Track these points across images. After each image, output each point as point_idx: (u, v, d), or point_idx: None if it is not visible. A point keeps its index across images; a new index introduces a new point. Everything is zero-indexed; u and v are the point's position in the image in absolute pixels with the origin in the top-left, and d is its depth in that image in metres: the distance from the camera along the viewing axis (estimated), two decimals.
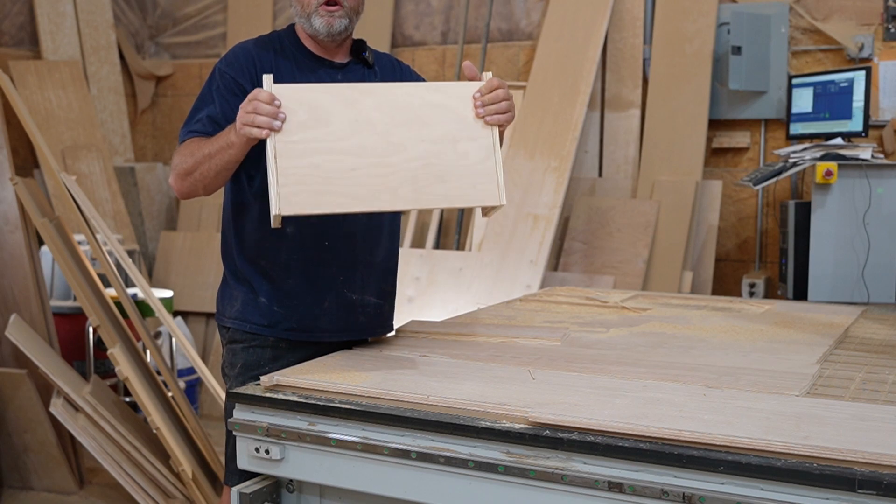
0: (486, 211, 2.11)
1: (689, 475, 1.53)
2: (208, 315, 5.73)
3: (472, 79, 2.11)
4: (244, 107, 1.96)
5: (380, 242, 2.39)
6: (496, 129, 2.08)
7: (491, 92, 2.07)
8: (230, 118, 2.18)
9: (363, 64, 2.40)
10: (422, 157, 2.01)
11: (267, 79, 1.98)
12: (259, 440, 1.88)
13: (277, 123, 1.93)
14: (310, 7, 2.27)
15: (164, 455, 3.76)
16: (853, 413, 1.68)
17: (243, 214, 2.31)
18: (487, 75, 2.10)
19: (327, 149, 1.95)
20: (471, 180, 2.04)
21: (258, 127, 1.93)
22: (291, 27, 2.39)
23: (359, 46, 2.40)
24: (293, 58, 2.31)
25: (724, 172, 5.09)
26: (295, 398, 1.86)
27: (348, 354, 2.20)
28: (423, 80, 2.50)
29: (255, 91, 1.96)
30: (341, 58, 2.37)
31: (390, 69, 2.45)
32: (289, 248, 2.28)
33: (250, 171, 2.23)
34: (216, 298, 2.43)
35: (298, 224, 2.25)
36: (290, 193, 1.91)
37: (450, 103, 2.06)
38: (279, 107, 1.94)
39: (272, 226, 1.96)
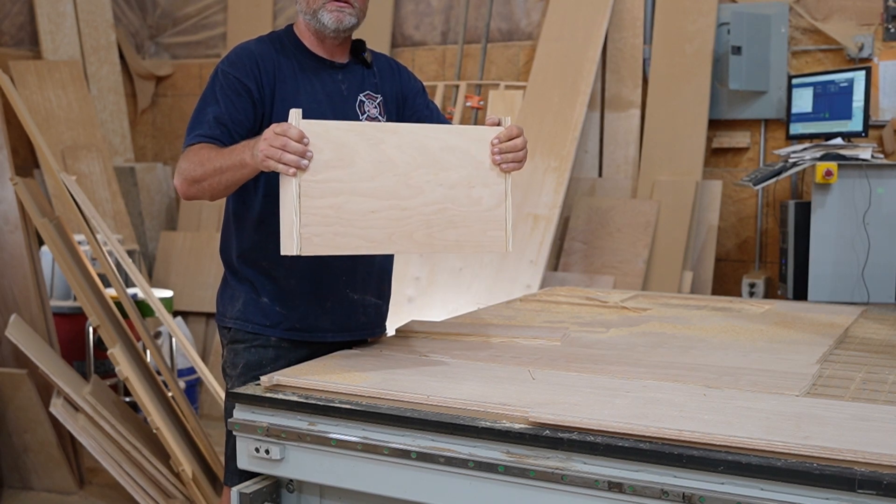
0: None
1: (689, 475, 1.53)
2: (208, 315, 5.73)
3: (492, 125, 2.11)
4: (271, 140, 1.88)
5: None
6: (510, 177, 2.10)
7: (510, 140, 2.08)
8: (235, 119, 2.18)
9: (362, 64, 2.40)
10: (438, 201, 2.02)
11: (295, 114, 1.90)
12: (259, 440, 1.88)
13: (305, 163, 1.88)
14: (317, 2, 2.26)
15: (164, 455, 3.76)
16: (853, 413, 1.68)
17: (246, 215, 2.31)
18: (507, 121, 2.10)
19: (350, 189, 1.93)
20: (481, 227, 2.06)
21: (284, 164, 1.88)
22: (290, 28, 2.38)
23: (358, 47, 2.40)
24: (294, 58, 2.31)
25: (724, 172, 5.09)
26: (295, 398, 1.86)
27: (348, 354, 2.21)
28: (419, 81, 2.52)
29: (286, 126, 1.88)
30: (342, 58, 2.37)
31: (388, 70, 2.45)
32: None
33: None
34: (216, 299, 2.43)
35: None
36: (312, 234, 1.88)
37: (468, 148, 2.06)
38: (307, 144, 1.89)
39: (282, 253, 1.93)
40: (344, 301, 2.34)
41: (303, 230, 1.87)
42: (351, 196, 1.93)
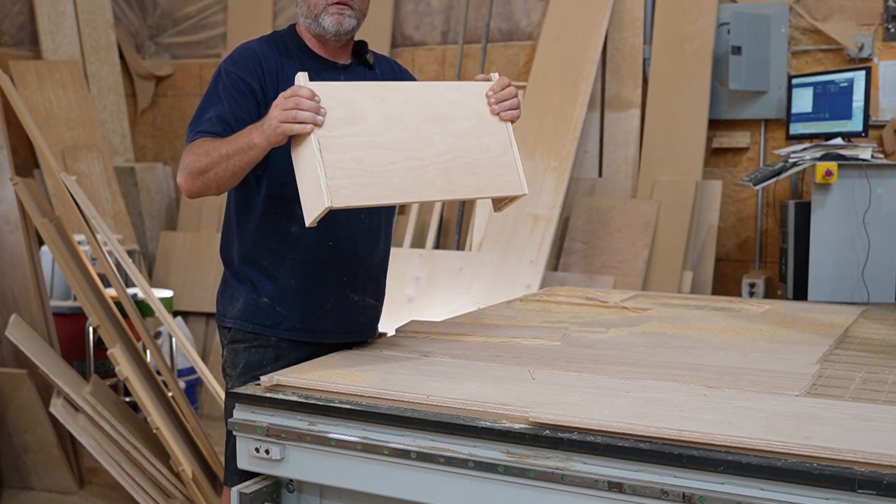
0: (500, 205, 2.21)
1: (689, 475, 1.53)
2: (208, 315, 5.73)
3: (483, 80, 2.21)
4: (283, 104, 1.93)
5: (379, 242, 2.40)
6: (510, 125, 2.18)
7: (502, 90, 2.17)
8: (239, 117, 2.17)
9: (364, 65, 2.40)
10: (450, 150, 2.08)
11: (302, 76, 1.97)
12: (259, 440, 1.88)
13: (320, 118, 1.92)
14: (318, 7, 2.26)
15: (164, 455, 3.76)
16: (853, 413, 1.68)
17: (248, 215, 2.30)
18: (495, 76, 2.20)
19: (366, 143, 1.97)
20: (496, 171, 2.14)
21: (301, 122, 1.91)
22: (292, 27, 2.38)
23: (360, 48, 2.40)
24: (297, 58, 2.31)
25: (724, 172, 5.09)
26: (295, 398, 1.86)
27: (348, 354, 2.21)
28: (410, 76, 2.53)
29: (295, 88, 1.93)
30: (344, 59, 2.37)
31: (390, 72, 2.46)
32: (293, 248, 2.28)
33: (258, 171, 2.22)
34: (216, 299, 2.43)
35: (302, 224, 2.25)
36: (340, 186, 1.91)
37: (467, 101, 2.15)
38: (319, 102, 1.94)
39: (307, 225, 1.96)
40: (344, 302, 2.34)
41: (330, 183, 1.90)
42: (369, 149, 1.97)
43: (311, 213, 1.94)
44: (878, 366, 2.12)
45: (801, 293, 4.24)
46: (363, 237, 2.35)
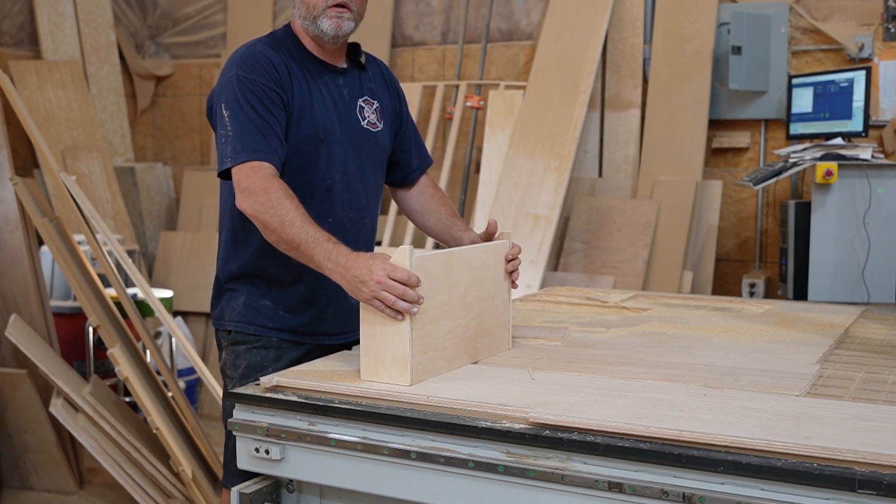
0: None
1: (689, 475, 1.53)
2: (208, 315, 5.71)
3: (493, 232, 2.27)
4: (387, 284, 1.84)
5: (371, 248, 2.41)
6: (510, 281, 2.26)
7: (516, 256, 2.25)
8: (278, 131, 2.15)
9: (358, 67, 2.40)
10: (480, 314, 2.14)
11: (407, 251, 1.89)
12: (259, 440, 1.88)
13: (416, 309, 1.87)
14: (317, 9, 2.23)
15: (164, 455, 3.76)
16: (853, 413, 1.68)
17: (254, 225, 2.27)
18: (508, 242, 2.25)
19: (435, 316, 1.97)
20: (498, 330, 2.22)
21: (394, 310, 1.85)
22: (289, 28, 2.35)
23: (354, 51, 2.40)
24: (302, 62, 2.28)
25: (724, 172, 5.09)
26: (295, 398, 1.86)
27: (348, 355, 2.20)
28: (405, 97, 2.54)
29: (406, 273, 1.85)
30: (341, 62, 2.36)
31: (381, 79, 2.46)
32: None
33: None
34: (211, 304, 2.42)
35: None
36: (418, 364, 1.91)
37: (492, 262, 2.20)
38: (418, 286, 1.88)
39: (388, 381, 1.91)
40: (344, 306, 2.34)
41: (414, 362, 1.90)
42: (437, 322, 1.98)
43: (377, 374, 1.91)
44: (878, 366, 2.12)
45: (801, 293, 4.24)
46: (365, 241, 2.37)
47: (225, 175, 2.17)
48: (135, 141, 6.51)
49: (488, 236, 2.29)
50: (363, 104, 2.37)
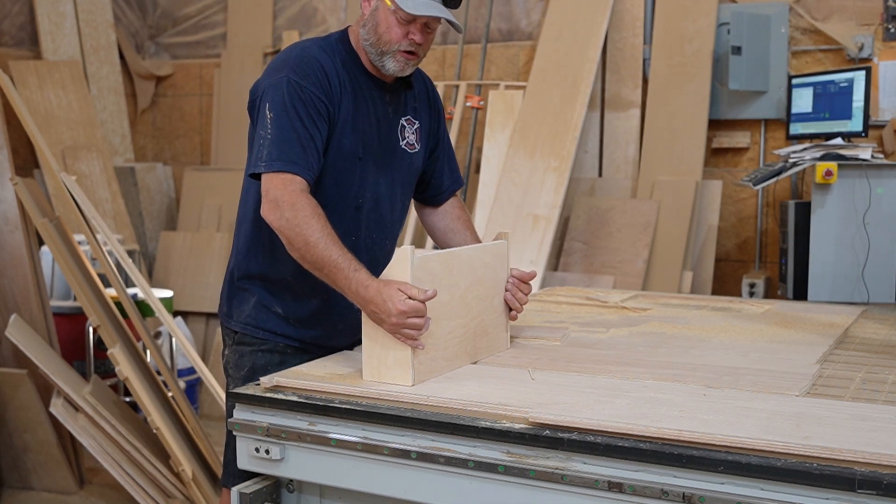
0: None
1: (689, 475, 1.53)
2: (208, 315, 5.73)
3: (520, 278, 2.28)
4: (405, 319, 1.87)
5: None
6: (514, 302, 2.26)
7: (526, 282, 2.28)
8: (319, 144, 2.12)
9: (405, 85, 2.37)
10: (478, 314, 2.15)
11: (408, 253, 1.91)
12: (259, 440, 1.88)
13: (426, 330, 1.92)
14: (389, 47, 2.18)
15: (164, 455, 3.76)
16: (853, 413, 1.68)
17: (276, 236, 2.20)
18: (506, 242, 2.27)
19: (437, 315, 1.98)
20: (496, 330, 2.22)
21: (412, 339, 1.91)
22: (345, 36, 2.29)
23: None
24: (353, 74, 2.24)
25: (724, 172, 5.09)
26: (295, 398, 1.86)
27: (348, 355, 2.20)
28: (441, 103, 2.52)
29: (417, 306, 1.87)
30: (390, 78, 2.32)
31: (425, 97, 2.42)
32: None
33: None
34: (220, 298, 2.40)
35: None
36: (420, 364, 1.94)
37: (492, 262, 2.20)
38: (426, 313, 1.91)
39: (389, 381, 1.93)
40: (355, 321, 2.31)
41: (416, 364, 1.92)
42: (438, 321, 1.99)
43: (379, 374, 1.93)
44: (878, 366, 2.12)
45: (801, 293, 4.24)
46: (384, 260, 2.32)
47: (255, 175, 2.14)
48: (135, 141, 6.51)
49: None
50: (405, 123, 2.34)
